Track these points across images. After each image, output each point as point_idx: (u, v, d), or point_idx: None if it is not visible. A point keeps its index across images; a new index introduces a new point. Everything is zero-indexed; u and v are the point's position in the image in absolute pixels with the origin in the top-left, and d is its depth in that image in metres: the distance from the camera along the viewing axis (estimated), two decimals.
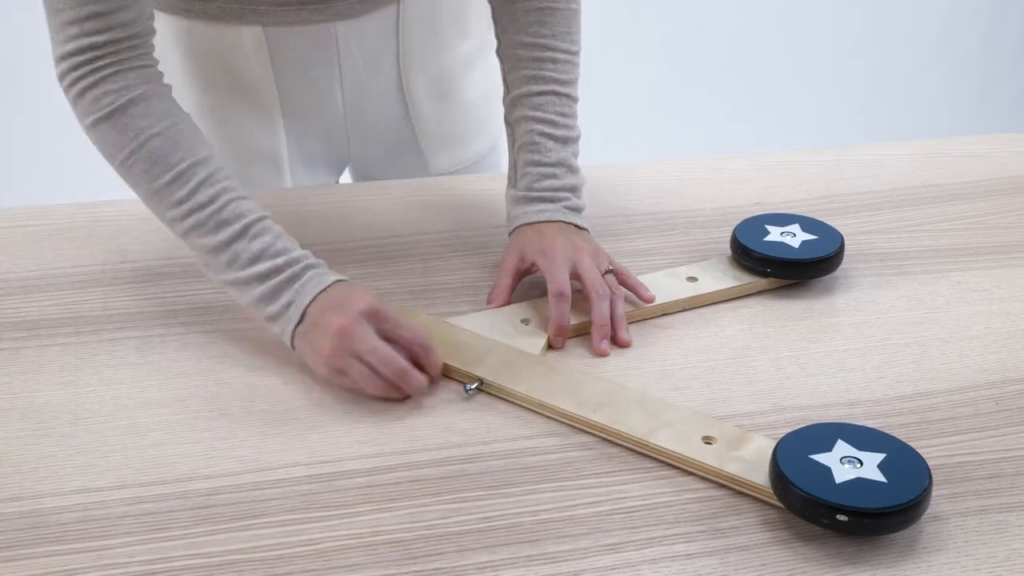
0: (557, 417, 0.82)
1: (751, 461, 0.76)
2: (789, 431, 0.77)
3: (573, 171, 0.98)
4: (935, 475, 0.76)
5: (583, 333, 0.92)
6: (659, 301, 0.96)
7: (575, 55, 1.00)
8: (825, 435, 0.76)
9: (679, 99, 2.72)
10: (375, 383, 0.82)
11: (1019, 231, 1.11)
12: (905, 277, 1.02)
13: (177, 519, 0.73)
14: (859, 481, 0.72)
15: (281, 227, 0.87)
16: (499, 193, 1.04)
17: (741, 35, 2.75)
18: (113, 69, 0.85)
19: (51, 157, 2.43)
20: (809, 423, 0.79)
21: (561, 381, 0.85)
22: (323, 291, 0.84)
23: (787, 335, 0.94)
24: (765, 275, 0.99)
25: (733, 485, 0.76)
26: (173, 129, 0.86)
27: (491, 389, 0.85)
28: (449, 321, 0.92)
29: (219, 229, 0.85)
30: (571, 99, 0.99)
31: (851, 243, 1.05)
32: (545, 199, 0.97)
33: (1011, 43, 2.95)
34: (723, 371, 0.89)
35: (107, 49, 0.85)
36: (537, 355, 0.88)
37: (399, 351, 0.83)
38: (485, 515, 0.74)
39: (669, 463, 0.78)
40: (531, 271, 0.96)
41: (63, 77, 0.86)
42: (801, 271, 0.99)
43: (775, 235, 1.01)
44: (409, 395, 0.84)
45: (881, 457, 0.74)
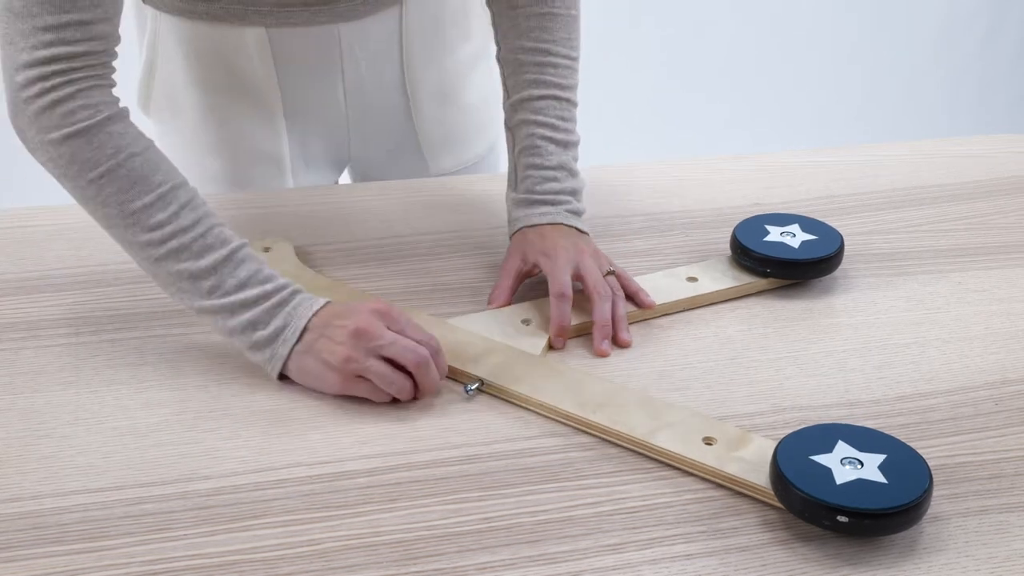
0: (558, 418, 0.82)
1: (752, 462, 0.76)
2: (789, 432, 0.77)
3: (573, 175, 0.98)
4: (935, 475, 0.76)
5: (584, 334, 0.93)
6: (659, 301, 0.96)
7: (575, 61, 1.00)
8: (826, 436, 0.76)
9: (679, 104, 2.72)
10: (394, 383, 0.82)
11: (1019, 231, 1.11)
12: (905, 277, 1.02)
13: (178, 519, 0.73)
14: (860, 482, 0.72)
15: (262, 256, 0.87)
16: (499, 193, 1.04)
17: (740, 40, 2.75)
18: (90, 84, 0.81)
19: None
20: (809, 423, 0.79)
21: (562, 382, 0.85)
22: (321, 308, 0.84)
23: (787, 335, 0.94)
24: (765, 275, 0.99)
25: (733, 486, 0.76)
26: (152, 150, 0.84)
27: (492, 390, 0.85)
28: (449, 321, 0.92)
29: (203, 254, 0.83)
30: (571, 104, 1.00)
31: (851, 243, 1.05)
32: (547, 202, 0.97)
33: (1009, 46, 2.95)
34: (723, 371, 0.89)
35: (84, 61, 0.80)
36: (538, 356, 0.89)
37: None
38: (485, 515, 0.74)
39: (669, 464, 0.78)
40: (532, 273, 0.96)
41: (28, 85, 0.80)
42: (801, 271, 0.99)
43: (775, 235, 1.01)
44: (419, 396, 0.84)
45: (882, 458, 0.74)
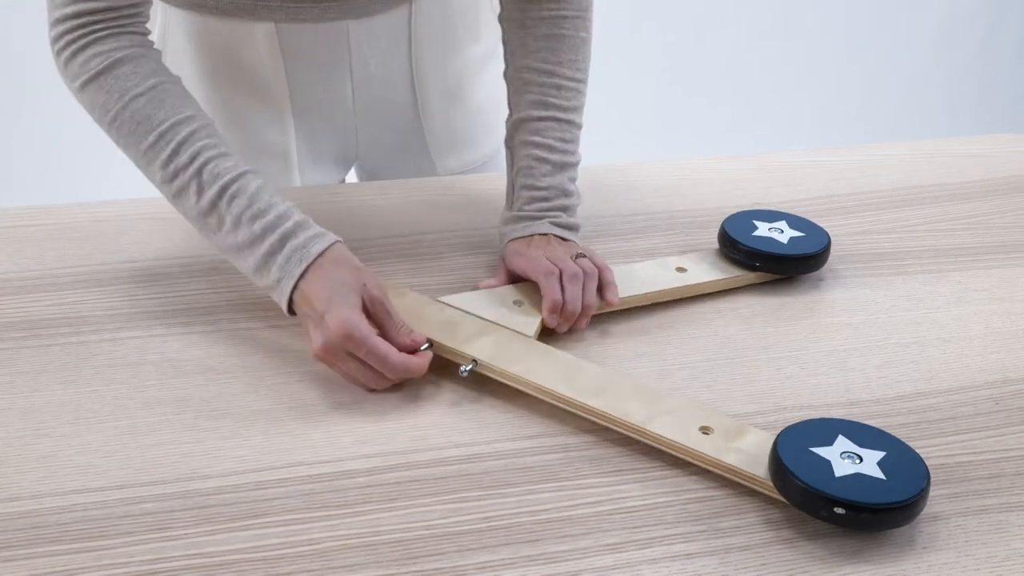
0: (553, 401, 0.82)
1: (750, 453, 0.76)
2: (778, 429, 0.77)
3: (567, 195, 0.98)
4: (935, 475, 0.76)
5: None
6: (648, 290, 0.96)
7: (581, 83, 1.00)
8: (826, 429, 0.76)
9: (679, 106, 2.72)
10: (367, 377, 0.83)
11: (1019, 231, 1.11)
12: (905, 277, 1.03)
13: (177, 519, 0.73)
14: (858, 476, 0.72)
15: (260, 181, 0.86)
16: (501, 192, 1.04)
17: (740, 41, 2.75)
18: (106, 32, 0.86)
19: (51, 157, 2.43)
20: (841, 419, 0.79)
21: (557, 365, 0.84)
22: (307, 269, 0.83)
23: (787, 335, 0.94)
24: (753, 269, 0.99)
25: (731, 476, 0.76)
26: (158, 89, 0.86)
27: (486, 370, 0.85)
28: (441, 300, 0.92)
29: (201, 192, 0.84)
30: (573, 125, 0.99)
31: (851, 243, 1.05)
32: (533, 217, 0.97)
33: (1009, 46, 2.95)
34: (723, 371, 0.89)
35: (105, 15, 0.85)
36: (532, 339, 0.88)
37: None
38: (485, 515, 0.74)
39: (667, 451, 0.78)
40: (520, 281, 0.96)
41: (57, 40, 0.86)
42: (790, 266, 1.00)
43: (763, 230, 1.01)
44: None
45: (881, 455, 0.74)
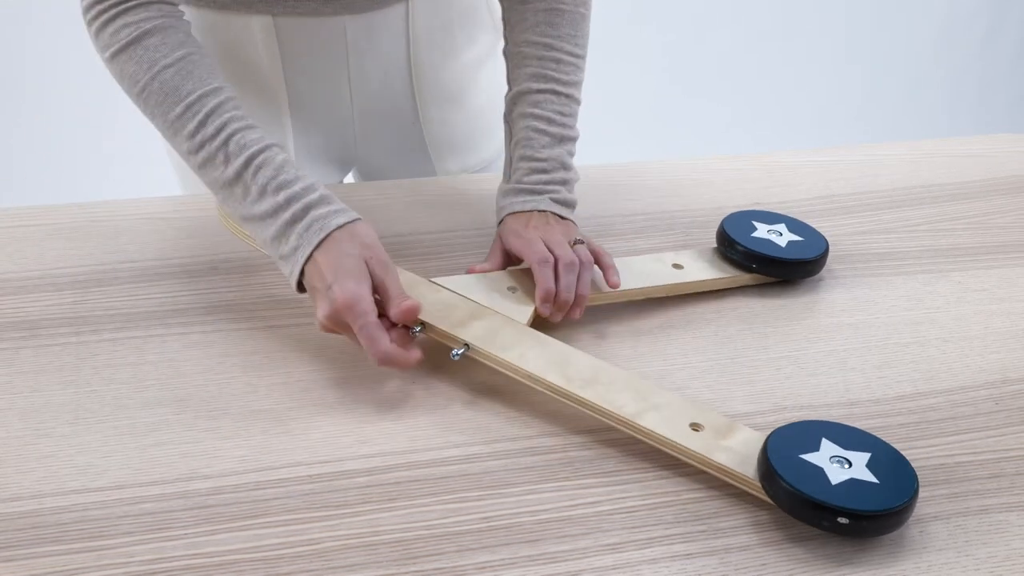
0: (544, 390, 0.82)
1: (739, 452, 0.76)
2: (772, 429, 0.76)
3: (566, 168, 0.98)
4: (935, 475, 0.76)
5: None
6: (643, 284, 0.96)
7: (580, 58, 1.00)
8: (809, 433, 0.76)
9: (679, 106, 2.72)
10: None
11: (1019, 231, 1.11)
12: (905, 277, 1.03)
13: (177, 519, 0.73)
14: (853, 483, 0.72)
15: (285, 155, 0.87)
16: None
17: (740, 41, 2.75)
18: (135, 2, 0.87)
19: (51, 157, 2.43)
20: (822, 420, 0.79)
21: (550, 353, 0.84)
22: (321, 242, 0.83)
23: (787, 335, 0.94)
24: (750, 270, 0.99)
25: (721, 475, 0.76)
26: (186, 60, 0.87)
27: (478, 355, 0.84)
28: (435, 280, 0.91)
29: (228, 162, 0.85)
30: (572, 99, 0.99)
31: (851, 243, 1.05)
32: (532, 191, 0.96)
33: (1009, 46, 2.95)
34: (723, 371, 0.89)
35: None
36: (525, 326, 0.88)
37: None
38: (485, 515, 0.74)
39: (658, 447, 0.78)
40: (514, 261, 0.96)
41: (88, 10, 0.88)
42: (786, 270, 0.99)
43: (762, 232, 1.01)
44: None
45: (867, 456, 0.74)
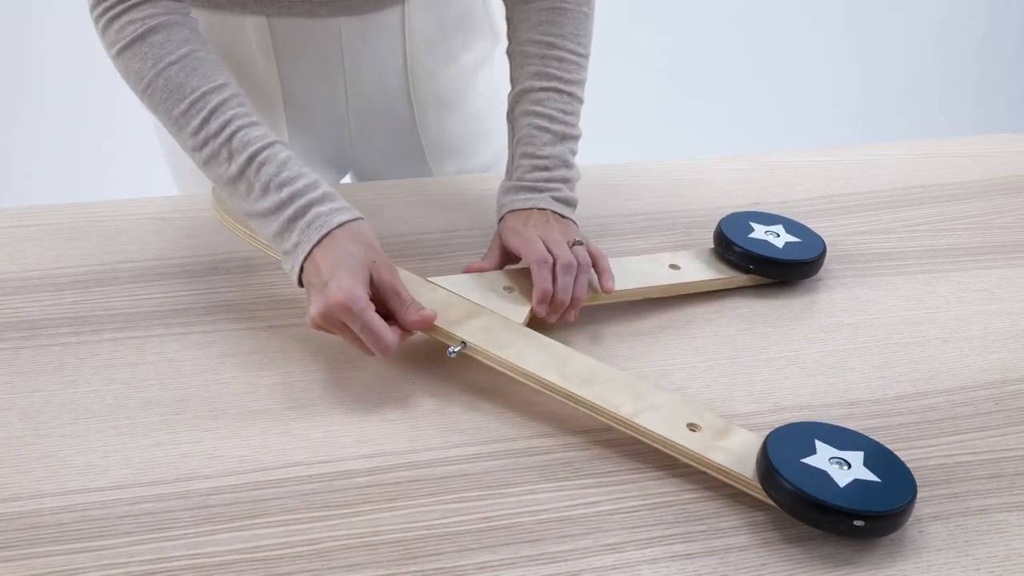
0: (541, 388, 0.82)
1: (736, 453, 0.76)
2: (767, 432, 0.76)
3: (568, 166, 0.97)
4: (935, 475, 0.76)
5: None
6: (640, 285, 0.96)
7: (583, 57, 1.00)
8: (803, 435, 0.76)
9: (679, 106, 2.72)
10: (361, 349, 0.83)
11: (1019, 231, 1.11)
12: (905, 277, 1.03)
13: (177, 519, 0.73)
14: (859, 483, 0.72)
15: (289, 152, 0.87)
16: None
17: (740, 41, 2.75)
18: None
19: (51, 157, 2.43)
20: (808, 422, 0.79)
21: (547, 353, 0.84)
22: (324, 237, 0.83)
23: (787, 335, 0.94)
24: (747, 271, 0.99)
25: (719, 475, 0.76)
26: (191, 56, 0.87)
27: (474, 353, 0.84)
28: (432, 280, 0.91)
29: (231, 159, 0.85)
30: (574, 98, 0.99)
31: (851, 243, 1.05)
32: (533, 188, 0.96)
33: (1009, 46, 2.95)
34: (723, 371, 0.89)
35: None
36: (521, 325, 0.88)
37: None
38: (485, 515, 0.74)
39: (655, 446, 0.78)
40: (512, 259, 0.95)
41: (95, 7, 0.88)
42: (784, 271, 0.99)
43: (759, 233, 1.01)
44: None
45: (861, 455, 0.74)
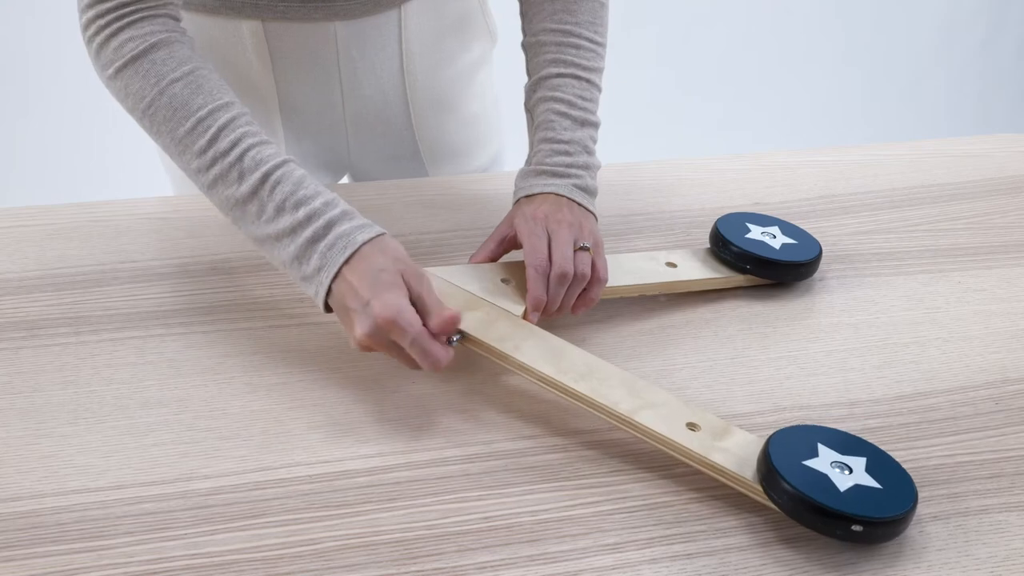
0: (538, 382, 0.81)
1: (736, 454, 0.76)
2: (772, 433, 0.76)
3: (589, 153, 0.95)
4: (936, 475, 0.76)
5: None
6: (637, 282, 0.95)
7: (600, 46, 0.98)
8: (806, 438, 0.75)
9: (678, 109, 2.72)
10: (407, 363, 0.81)
11: (1019, 231, 1.11)
12: (905, 277, 1.02)
13: (177, 519, 0.73)
14: (859, 489, 0.71)
15: (304, 171, 0.84)
16: (501, 192, 1.04)
17: (740, 41, 2.75)
18: (140, 16, 0.85)
19: (51, 157, 2.43)
20: (809, 423, 0.79)
21: (545, 346, 0.84)
22: (349, 259, 0.80)
23: (787, 335, 0.94)
24: (743, 271, 0.99)
25: (719, 476, 0.75)
26: (195, 74, 0.85)
27: (472, 344, 0.84)
28: (430, 270, 0.91)
29: (242, 178, 0.82)
30: (592, 85, 0.97)
31: (851, 243, 1.05)
32: (553, 173, 0.93)
33: (1009, 46, 2.95)
34: (723, 371, 0.89)
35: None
36: (520, 318, 0.87)
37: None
38: (485, 515, 0.74)
39: (655, 445, 0.77)
40: (518, 243, 0.91)
41: (89, 26, 0.85)
42: (779, 272, 0.99)
43: (756, 234, 1.01)
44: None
45: (863, 461, 0.74)
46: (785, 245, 1.00)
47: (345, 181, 1.25)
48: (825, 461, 0.73)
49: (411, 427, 0.82)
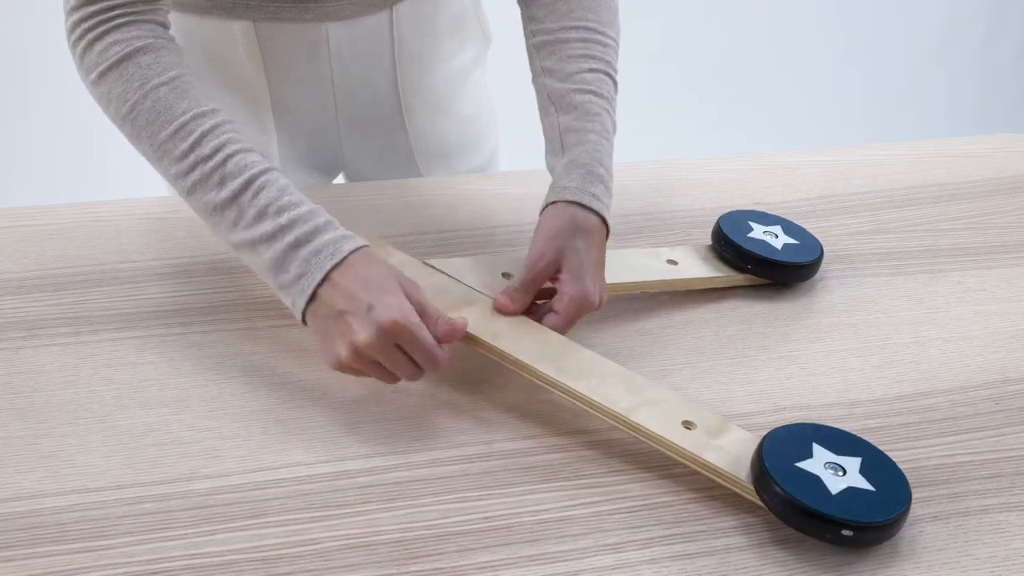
0: (536, 380, 0.81)
1: (731, 453, 0.76)
2: (764, 434, 0.76)
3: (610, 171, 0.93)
4: (935, 475, 0.76)
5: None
6: (638, 279, 0.95)
7: (617, 47, 0.97)
8: (801, 437, 0.75)
9: (678, 109, 2.72)
10: (408, 371, 0.79)
11: (1019, 231, 1.11)
12: (905, 277, 1.02)
13: (177, 519, 0.73)
14: (852, 491, 0.71)
15: (288, 180, 0.82)
16: (500, 192, 1.04)
17: (740, 41, 2.75)
18: (126, 19, 0.83)
19: (51, 157, 2.43)
20: (809, 423, 0.79)
21: (543, 344, 0.84)
22: (337, 265, 0.78)
23: (787, 335, 0.94)
24: (744, 271, 0.99)
25: (712, 476, 0.75)
26: (180, 79, 0.83)
27: (469, 340, 0.84)
28: (429, 263, 0.91)
29: (223, 184, 0.81)
30: (617, 90, 0.95)
31: (851, 243, 1.05)
32: (603, 180, 0.90)
33: (1009, 46, 2.95)
34: (723, 371, 0.89)
35: (125, 2, 0.83)
36: (520, 315, 0.87)
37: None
38: (485, 515, 0.74)
39: (649, 444, 0.77)
40: (556, 278, 0.88)
41: (74, 29, 0.84)
42: (781, 273, 0.99)
43: (758, 233, 1.01)
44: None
45: (858, 461, 0.74)
46: (787, 245, 1.00)
47: (339, 181, 1.25)
48: (819, 462, 0.73)
49: (411, 427, 0.82)
